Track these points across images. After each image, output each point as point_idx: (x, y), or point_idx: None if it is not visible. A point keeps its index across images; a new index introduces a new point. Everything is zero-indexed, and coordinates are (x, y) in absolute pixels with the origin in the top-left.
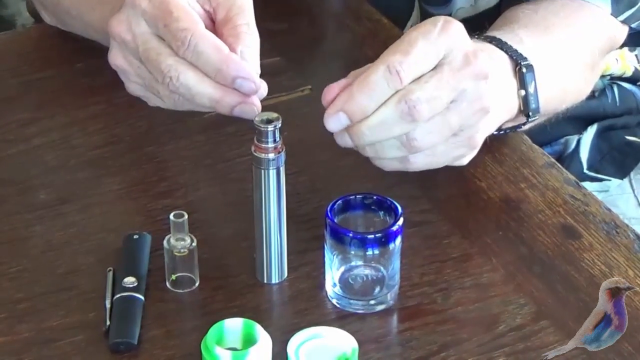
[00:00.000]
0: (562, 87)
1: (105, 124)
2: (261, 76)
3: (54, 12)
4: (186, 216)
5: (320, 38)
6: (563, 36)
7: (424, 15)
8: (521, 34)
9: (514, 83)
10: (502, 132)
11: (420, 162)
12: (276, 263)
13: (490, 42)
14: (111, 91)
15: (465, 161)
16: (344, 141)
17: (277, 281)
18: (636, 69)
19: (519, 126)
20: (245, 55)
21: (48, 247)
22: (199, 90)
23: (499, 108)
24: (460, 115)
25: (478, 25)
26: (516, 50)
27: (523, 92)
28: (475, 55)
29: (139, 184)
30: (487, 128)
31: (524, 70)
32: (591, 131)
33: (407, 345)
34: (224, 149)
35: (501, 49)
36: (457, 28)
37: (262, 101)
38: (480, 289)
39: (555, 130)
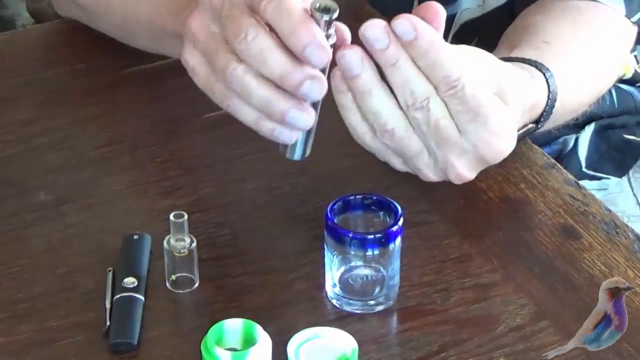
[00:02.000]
0: (575, 110)
1: (105, 124)
2: None
3: (85, 3)
4: (186, 216)
5: None
6: (586, 54)
7: None
8: (544, 58)
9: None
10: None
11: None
12: (304, 141)
13: (543, 73)
14: (111, 91)
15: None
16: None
17: (300, 159)
18: (636, 71)
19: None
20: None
21: (48, 247)
22: (273, 55)
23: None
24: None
25: (485, 26)
26: (552, 74)
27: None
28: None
29: (139, 184)
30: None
31: (551, 89)
32: (589, 130)
33: (407, 345)
34: (224, 149)
35: (547, 82)
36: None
37: None
38: (480, 289)
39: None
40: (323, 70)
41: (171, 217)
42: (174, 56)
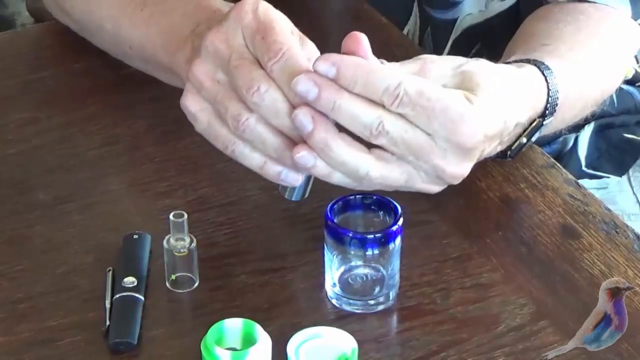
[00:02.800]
0: (583, 105)
1: (104, 124)
2: None
3: (79, 20)
4: (186, 216)
5: (320, 38)
6: (590, 51)
7: (424, 18)
8: (547, 60)
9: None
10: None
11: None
12: (305, 184)
13: (542, 72)
14: (111, 91)
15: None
16: (307, 92)
17: (298, 199)
18: (636, 71)
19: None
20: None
21: (48, 247)
22: (284, 106)
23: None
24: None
25: (488, 32)
26: (547, 67)
27: (524, 140)
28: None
29: (138, 184)
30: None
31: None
32: (589, 129)
33: (406, 345)
34: None
35: (546, 80)
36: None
37: None
38: (479, 289)
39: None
40: None
41: (171, 216)
42: (167, 82)
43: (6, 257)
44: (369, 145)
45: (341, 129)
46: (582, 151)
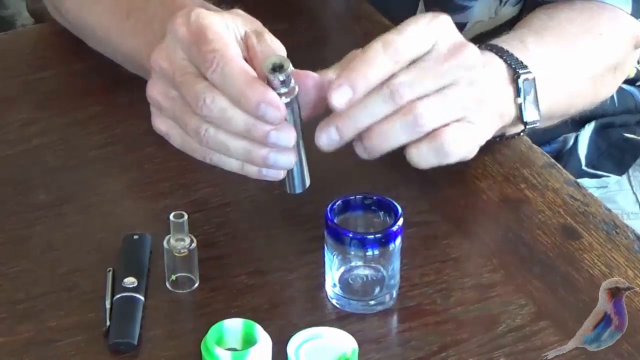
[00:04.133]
0: (570, 93)
1: (105, 124)
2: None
3: (75, 25)
4: (186, 216)
5: (320, 38)
6: (577, 42)
7: None
8: (528, 40)
9: (510, 91)
10: (500, 138)
11: (448, 141)
12: (298, 174)
13: (490, 50)
14: (111, 91)
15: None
16: (332, 135)
17: (300, 191)
18: (637, 70)
19: (518, 133)
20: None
21: (48, 247)
22: (233, 112)
23: (492, 117)
24: (457, 99)
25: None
26: (517, 59)
27: (519, 101)
28: (463, 45)
29: (138, 184)
30: (488, 115)
31: (522, 79)
32: (589, 128)
33: (407, 345)
34: None
35: (500, 57)
36: (446, 20)
37: None
38: (480, 289)
39: (554, 130)
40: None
41: (171, 217)
42: None
43: (6, 257)
44: None
45: None
46: (582, 150)
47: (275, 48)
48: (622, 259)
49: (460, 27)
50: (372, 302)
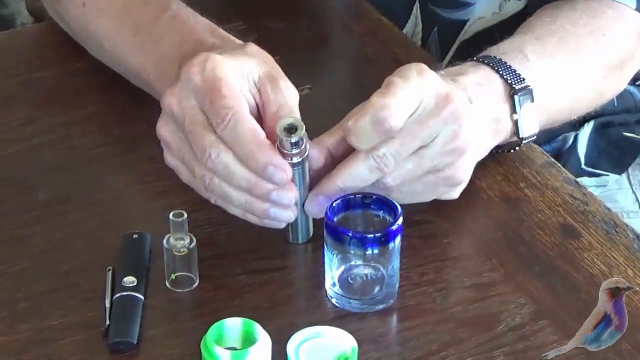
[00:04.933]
0: (573, 99)
1: (104, 124)
2: None
3: (78, 34)
4: (185, 215)
5: (320, 37)
6: (580, 46)
7: (429, 18)
8: (528, 50)
9: (506, 108)
10: (499, 151)
11: (402, 198)
12: (302, 227)
13: (487, 64)
14: (110, 91)
15: (455, 195)
16: (320, 208)
17: (304, 241)
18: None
19: (515, 147)
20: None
21: (47, 246)
22: (236, 169)
23: (484, 138)
24: (432, 157)
25: (500, 33)
26: (514, 72)
27: (515, 117)
28: (446, 101)
29: (138, 184)
30: (467, 165)
31: (517, 95)
32: (588, 127)
33: (406, 344)
34: None
35: (497, 71)
36: (430, 75)
37: None
38: (479, 288)
39: (553, 129)
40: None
41: (170, 216)
42: None
43: (6, 256)
44: None
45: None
46: (582, 149)
47: (289, 97)
48: (621, 258)
49: (462, 24)
50: (371, 301)
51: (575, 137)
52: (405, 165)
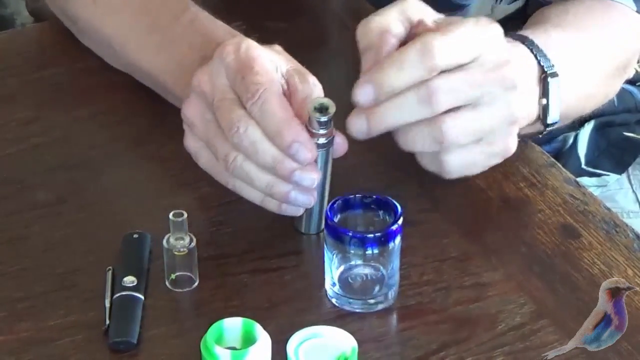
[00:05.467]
0: (587, 94)
1: (104, 124)
2: None
3: (85, 32)
4: (185, 215)
5: (320, 38)
6: (595, 38)
7: None
8: (553, 35)
9: (536, 91)
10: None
11: (453, 162)
12: (317, 216)
13: (523, 42)
14: (110, 90)
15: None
16: (360, 126)
17: (315, 232)
18: (637, 71)
19: (536, 134)
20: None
21: (47, 246)
22: (263, 147)
23: (517, 128)
24: (490, 119)
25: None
26: (545, 55)
27: (544, 101)
28: (508, 63)
29: (138, 184)
30: (516, 133)
31: (549, 79)
32: (589, 127)
33: (406, 344)
34: None
35: (532, 51)
36: (497, 31)
37: None
38: (479, 288)
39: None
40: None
41: (170, 216)
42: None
43: (6, 256)
44: None
45: None
46: (582, 149)
47: (315, 89)
48: (621, 258)
49: None
50: (371, 301)
51: (576, 137)
52: (463, 116)
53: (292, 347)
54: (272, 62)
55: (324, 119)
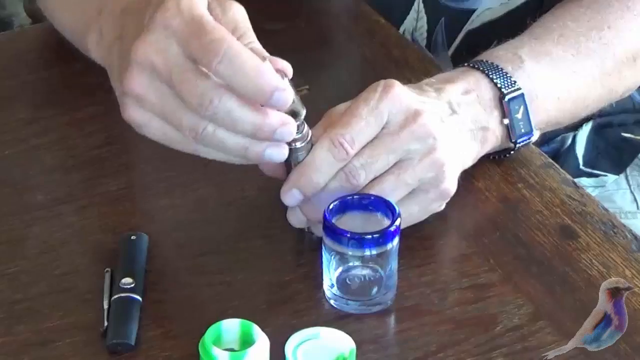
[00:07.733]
0: (578, 95)
1: (102, 125)
2: None
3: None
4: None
5: (318, 38)
6: (581, 42)
7: (434, 10)
8: (524, 50)
9: (495, 114)
10: (495, 157)
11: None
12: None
13: (478, 69)
14: (109, 92)
15: (442, 207)
16: (298, 219)
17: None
18: None
19: (509, 151)
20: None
21: (45, 247)
22: (240, 115)
23: (468, 148)
24: (413, 172)
25: (508, 24)
26: (506, 74)
27: (506, 121)
28: (416, 116)
29: (136, 185)
30: (452, 176)
31: (507, 99)
32: (587, 128)
33: (404, 345)
34: None
35: (487, 76)
36: (397, 91)
37: None
38: (477, 289)
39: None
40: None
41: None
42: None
43: (4, 257)
44: None
45: None
46: (580, 150)
47: (238, 15)
48: (619, 258)
49: (468, 14)
50: (369, 302)
51: (574, 138)
52: (386, 179)
53: (290, 348)
54: (205, 6)
55: (297, 123)
